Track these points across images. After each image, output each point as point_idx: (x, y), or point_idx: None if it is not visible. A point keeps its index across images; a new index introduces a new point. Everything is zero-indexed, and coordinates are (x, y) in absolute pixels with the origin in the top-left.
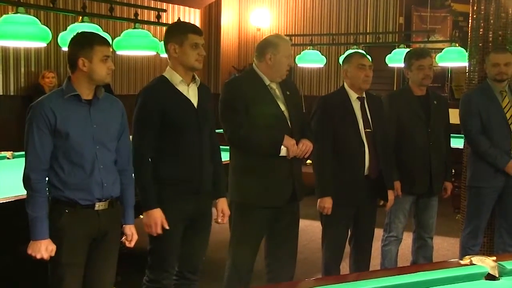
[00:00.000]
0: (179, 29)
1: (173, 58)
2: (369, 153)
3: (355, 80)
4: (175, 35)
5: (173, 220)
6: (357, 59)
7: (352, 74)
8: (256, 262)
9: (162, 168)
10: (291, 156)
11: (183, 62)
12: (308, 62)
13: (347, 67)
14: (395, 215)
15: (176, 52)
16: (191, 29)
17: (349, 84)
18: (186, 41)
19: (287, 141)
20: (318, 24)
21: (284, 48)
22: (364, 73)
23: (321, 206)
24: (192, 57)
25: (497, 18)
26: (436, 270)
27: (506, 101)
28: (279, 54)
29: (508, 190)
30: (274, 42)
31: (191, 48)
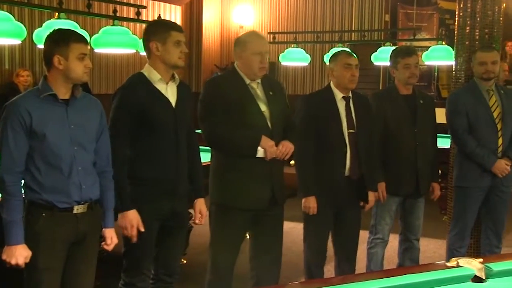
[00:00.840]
0: (161, 27)
1: (155, 56)
2: (350, 154)
3: (341, 79)
4: (157, 33)
5: (148, 221)
6: (343, 58)
7: (338, 74)
8: (240, 266)
9: (138, 167)
10: (269, 158)
11: (165, 60)
12: (292, 60)
13: (333, 66)
14: (381, 217)
15: (158, 50)
16: (173, 27)
17: (335, 83)
18: (169, 39)
19: (265, 142)
20: (302, 21)
21: (252, 45)
22: (351, 73)
23: (305, 206)
24: (175, 54)
25: (484, 16)
26: (422, 273)
27: (493, 100)
28: (246, 52)
29: (494, 191)
30: (242, 39)
31: (174, 46)
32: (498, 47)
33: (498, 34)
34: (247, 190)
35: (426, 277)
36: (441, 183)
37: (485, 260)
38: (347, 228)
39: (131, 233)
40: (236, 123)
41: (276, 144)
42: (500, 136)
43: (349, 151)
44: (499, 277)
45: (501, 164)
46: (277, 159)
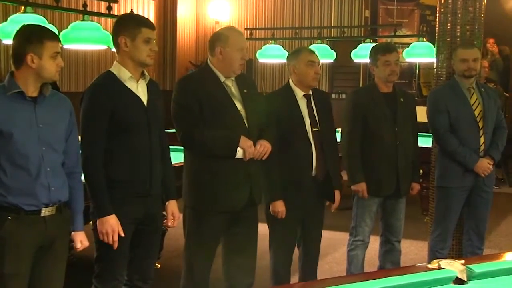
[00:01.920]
0: (132, 22)
1: (123, 52)
2: (316, 154)
3: (304, 77)
4: (127, 28)
5: (122, 224)
6: (306, 55)
7: (301, 71)
8: (213, 270)
9: (110, 169)
10: (248, 158)
11: (134, 57)
12: (270, 57)
13: (295, 64)
14: (361, 218)
15: (127, 46)
16: (144, 23)
17: (296, 81)
18: (139, 35)
19: (244, 142)
20: (280, 17)
21: (235, 41)
22: (314, 70)
23: (274, 211)
24: (144, 52)
25: (465, 12)
26: (403, 275)
27: (474, 98)
28: (229, 48)
29: (477, 191)
30: (223, 34)
31: (144, 43)
32: (479, 44)
33: (479, 31)
34: (225, 192)
35: (407, 280)
36: (422, 183)
37: (467, 261)
38: (314, 229)
39: (113, 239)
40: (212, 123)
41: (253, 143)
42: (481, 135)
43: (314, 151)
44: (481, 279)
45: (483, 163)
46: (254, 159)
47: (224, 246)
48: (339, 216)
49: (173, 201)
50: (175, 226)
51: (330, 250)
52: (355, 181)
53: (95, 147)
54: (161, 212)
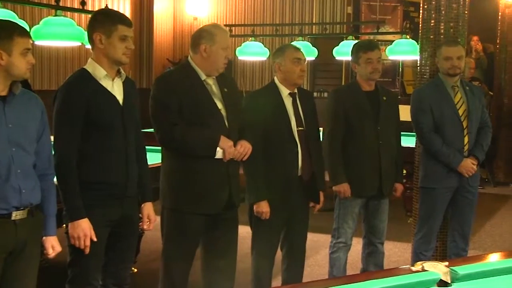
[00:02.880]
0: (108, 18)
1: (98, 49)
2: (301, 153)
3: (290, 74)
4: (103, 25)
5: (97, 227)
6: (292, 52)
7: (287, 69)
8: (192, 273)
9: (84, 170)
10: (228, 158)
11: (109, 55)
12: (250, 54)
13: (281, 61)
14: (343, 220)
15: (102, 43)
16: (121, 20)
17: (281, 79)
18: (115, 33)
19: (224, 143)
20: (261, 13)
21: (221, 39)
22: (300, 67)
23: (258, 211)
24: (120, 50)
25: (449, 9)
26: (386, 278)
27: (459, 96)
28: (215, 45)
29: (461, 191)
30: (209, 32)
31: (120, 41)
32: (463, 41)
33: (463, 28)
34: (204, 194)
35: (390, 283)
36: (406, 183)
37: (451, 263)
38: (299, 231)
39: (85, 244)
40: (192, 122)
41: (233, 144)
42: (466, 134)
43: (300, 150)
44: (464, 281)
45: (467, 163)
46: (234, 159)
47: (203, 249)
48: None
49: (149, 203)
50: (151, 229)
51: (312, 253)
52: (337, 181)
53: (68, 148)
54: (137, 215)
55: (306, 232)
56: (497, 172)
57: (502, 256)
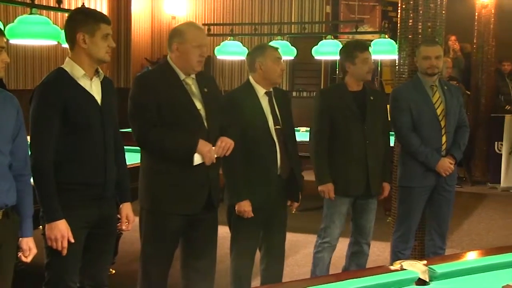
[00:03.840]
0: (90, 17)
1: (80, 49)
2: (280, 152)
3: (271, 74)
4: (85, 24)
5: (75, 229)
6: (273, 52)
7: (268, 68)
8: (171, 274)
9: (62, 170)
10: (209, 163)
11: (92, 54)
12: (229, 54)
13: (262, 60)
14: (330, 220)
15: (85, 43)
16: (103, 18)
17: (259, 78)
18: (98, 31)
19: (202, 147)
20: (239, 12)
21: (192, 36)
22: (280, 67)
23: (240, 211)
24: (103, 49)
25: (426, 9)
26: (365, 277)
27: (437, 96)
28: (186, 44)
29: (439, 190)
30: (180, 30)
31: (102, 39)
32: (441, 41)
33: (441, 27)
34: (183, 194)
35: (369, 282)
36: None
37: (429, 262)
38: (278, 230)
39: (63, 245)
40: (171, 123)
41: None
42: (444, 133)
43: (278, 149)
44: (443, 279)
45: (444, 162)
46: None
47: (183, 249)
48: (301, 217)
49: (128, 204)
50: (129, 229)
51: (291, 252)
52: (322, 181)
53: (45, 148)
54: (115, 215)
55: (285, 232)
56: (475, 171)
57: (479, 254)
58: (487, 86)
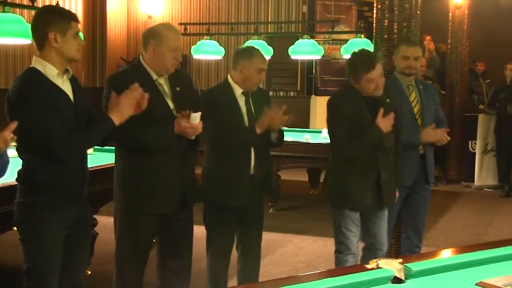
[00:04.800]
0: (61, 16)
1: (51, 48)
2: (254, 152)
3: (250, 81)
4: (57, 23)
5: (54, 231)
6: (259, 62)
7: (249, 75)
8: (147, 274)
9: (40, 172)
10: (191, 133)
11: (63, 53)
12: (205, 53)
13: (246, 65)
14: (347, 229)
15: (57, 42)
16: (73, 17)
17: (238, 78)
18: (70, 30)
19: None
20: (216, 12)
21: (170, 40)
22: (260, 77)
23: None
24: (74, 47)
25: (401, 9)
26: (341, 276)
27: (413, 95)
28: (162, 46)
29: (415, 189)
30: (158, 31)
31: (73, 38)
32: (416, 40)
33: (416, 27)
34: (156, 194)
35: (345, 281)
36: None
37: (404, 260)
38: (254, 230)
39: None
40: (144, 123)
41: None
42: (420, 132)
43: (252, 149)
44: (418, 277)
45: (428, 130)
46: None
47: (158, 249)
48: (277, 217)
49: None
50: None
51: (267, 252)
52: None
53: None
54: (90, 215)
55: (261, 232)
56: (449, 169)
57: (454, 252)
58: (461, 86)
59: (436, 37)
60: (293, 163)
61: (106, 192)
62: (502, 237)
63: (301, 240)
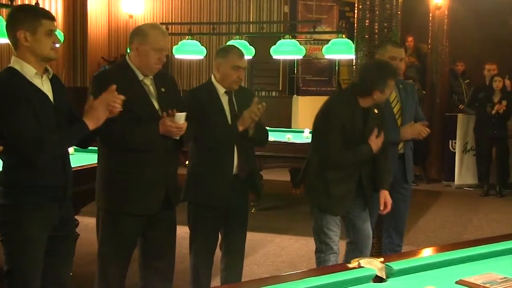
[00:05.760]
0: (30, 14)
1: (23, 47)
2: (237, 151)
3: (226, 78)
4: (25, 21)
5: (36, 233)
6: (234, 58)
7: (225, 72)
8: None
9: (19, 172)
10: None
11: (36, 52)
12: (187, 53)
13: (222, 62)
14: (327, 228)
15: (27, 41)
16: (43, 14)
17: (218, 78)
18: (40, 28)
19: (162, 128)
20: (198, 12)
21: (154, 40)
22: (237, 75)
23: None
24: (48, 46)
25: (382, 10)
26: (323, 275)
27: (394, 95)
28: (147, 46)
29: (396, 188)
30: (143, 31)
31: (46, 36)
32: (397, 40)
33: (396, 27)
34: (138, 194)
35: (327, 280)
36: None
37: (386, 259)
38: (238, 229)
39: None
40: (129, 121)
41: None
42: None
43: (236, 148)
44: (399, 276)
45: (405, 128)
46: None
47: (141, 249)
48: (260, 217)
49: None
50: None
51: (250, 252)
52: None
53: (33, 129)
54: (74, 217)
55: (245, 231)
56: (430, 169)
57: (435, 250)
58: (441, 86)
59: (418, 38)
60: (275, 163)
61: (87, 192)
62: (481, 236)
63: (283, 239)
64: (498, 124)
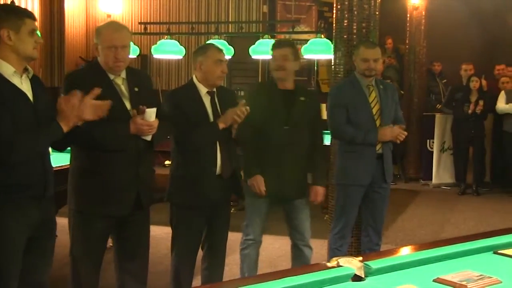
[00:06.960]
0: (13, 13)
1: (5, 46)
2: (220, 152)
3: (210, 75)
4: (8, 20)
5: (14, 233)
6: (215, 53)
7: (208, 69)
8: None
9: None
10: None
11: (19, 51)
12: (165, 53)
13: (203, 60)
14: (251, 218)
15: (11, 40)
16: (27, 13)
17: (200, 78)
18: (24, 27)
19: (133, 127)
20: (176, 11)
21: (105, 38)
22: (221, 69)
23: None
24: (30, 45)
25: (361, 10)
26: (302, 275)
27: (373, 95)
28: (100, 45)
29: (374, 187)
30: (98, 30)
31: (29, 35)
32: (375, 41)
33: (374, 28)
34: (109, 195)
35: (306, 279)
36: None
37: (364, 258)
38: (220, 229)
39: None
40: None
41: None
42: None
43: (219, 148)
44: (377, 275)
45: (385, 129)
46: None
47: (115, 250)
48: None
49: None
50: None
51: (230, 251)
52: (249, 174)
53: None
54: (54, 217)
55: (227, 231)
56: (408, 168)
57: (413, 249)
58: (419, 86)
59: (396, 38)
60: None
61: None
62: (458, 234)
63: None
64: (475, 123)
